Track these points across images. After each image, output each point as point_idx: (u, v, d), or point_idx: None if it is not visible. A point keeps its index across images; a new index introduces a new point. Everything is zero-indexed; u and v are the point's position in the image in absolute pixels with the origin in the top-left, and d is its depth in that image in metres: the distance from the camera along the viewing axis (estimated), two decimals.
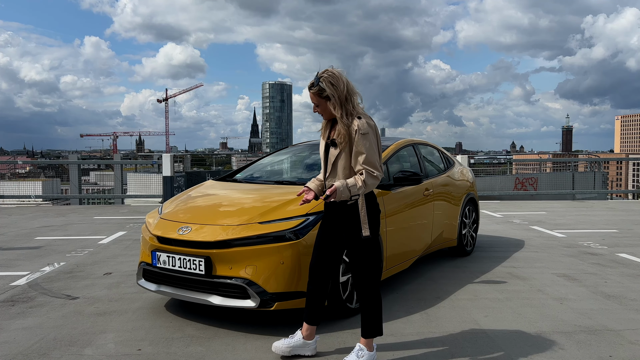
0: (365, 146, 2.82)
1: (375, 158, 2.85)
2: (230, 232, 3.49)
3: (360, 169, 2.83)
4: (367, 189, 2.84)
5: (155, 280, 3.80)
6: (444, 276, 5.09)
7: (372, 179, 2.82)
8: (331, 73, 2.84)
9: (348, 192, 2.79)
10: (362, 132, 2.82)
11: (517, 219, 9.25)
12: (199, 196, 4.32)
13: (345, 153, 2.86)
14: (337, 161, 2.88)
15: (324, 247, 3.03)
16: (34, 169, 45.09)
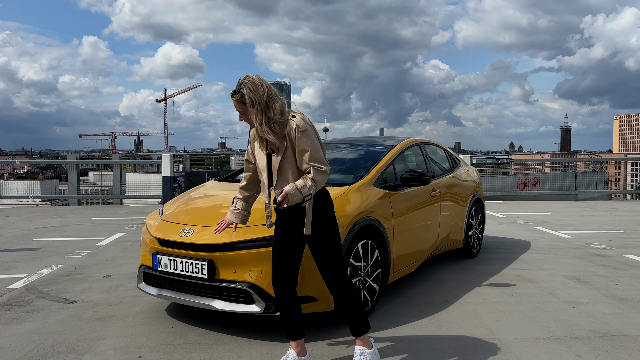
0: (307, 143, 2.73)
1: (320, 153, 2.76)
2: (233, 234, 3.36)
3: (308, 167, 2.73)
4: (318, 186, 2.72)
5: (156, 284, 3.68)
6: (452, 279, 4.98)
7: (320, 175, 2.72)
8: (251, 79, 2.74)
9: (300, 194, 2.67)
10: (301, 129, 2.73)
11: (521, 220, 9.14)
12: (200, 197, 4.20)
13: (288, 156, 2.77)
14: (282, 167, 2.79)
15: (284, 257, 2.90)
16: (33, 169, 44.91)
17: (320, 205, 2.82)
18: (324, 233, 2.84)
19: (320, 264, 2.88)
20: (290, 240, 2.87)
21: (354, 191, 3.93)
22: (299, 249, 2.91)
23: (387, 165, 4.45)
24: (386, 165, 4.43)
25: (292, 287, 2.91)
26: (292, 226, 2.84)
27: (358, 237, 3.68)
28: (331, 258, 2.87)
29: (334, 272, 2.88)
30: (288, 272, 2.88)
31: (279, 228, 2.91)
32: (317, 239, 2.83)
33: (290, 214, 2.81)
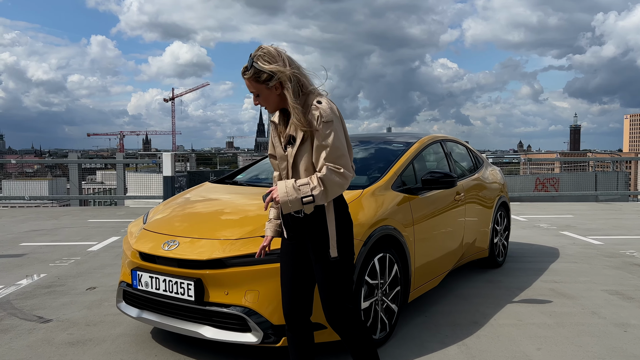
0: (330, 137, 2.13)
1: (342, 152, 2.16)
2: (226, 247, 2.82)
3: (322, 166, 2.15)
4: (328, 190, 2.12)
5: (137, 305, 3.14)
6: (477, 294, 4.40)
7: (334, 176, 2.12)
8: (266, 50, 2.16)
9: (295, 194, 2.10)
10: (325, 119, 2.13)
11: (543, 223, 8.53)
12: (191, 202, 3.65)
13: (306, 149, 2.19)
14: (296, 162, 2.21)
15: (298, 283, 2.34)
16: (42, 168, 44.71)
17: (343, 222, 2.27)
18: (327, 258, 2.25)
19: (326, 291, 2.27)
20: (305, 263, 2.32)
21: (369, 195, 3.36)
22: (313, 272, 2.34)
23: (406, 166, 3.88)
24: (405, 165, 3.86)
25: (308, 317, 2.38)
26: (308, 244, 2.27)
27: (374, 251, 3.12)
28: (342, 285, 2.29)
29: (341, 302, 2.28)
30: (303, 302, 2.34)
31: (289, 247, 2.34)
32: (327, 261, 2.25)
33: (306, 228, 2.24)
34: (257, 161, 4.70)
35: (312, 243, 2.24)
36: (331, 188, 2.12)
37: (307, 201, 2.10)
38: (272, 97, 2.19)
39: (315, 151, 2.16)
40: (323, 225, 2.21)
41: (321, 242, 2.22)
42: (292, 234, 2.31)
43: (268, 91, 2.17)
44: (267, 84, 2.15)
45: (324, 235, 2.21)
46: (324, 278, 2.25)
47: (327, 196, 2.13)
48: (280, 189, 2.12)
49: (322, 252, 2.22)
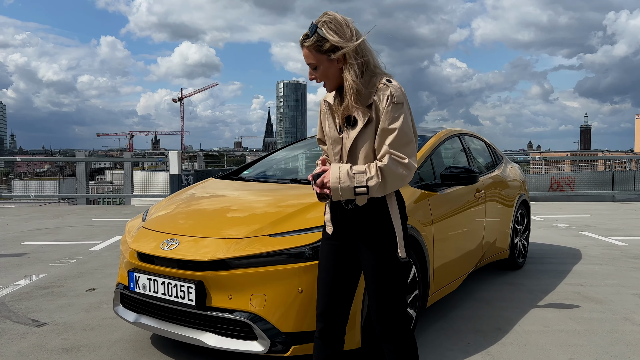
0: (398, 122, 1.87)
1: (410, 138, 1.89)
2: (230, 247, 2.58)
3: (384, 154, 1.88)
4: (387, 185, 1.86)
5: (135, 309, 2.91)
6: (499, 297, 4.13)
7: (396, 167, 1.85)
8: (332, 16, 1.89)
9: (349, 182, 1.84)
10: (395, 100, 1.87)
11: (561, 223, 8.22)
12: (193, 198, 3.41)
13: (367, 134, 1.92)
14: (355, 147, 1.94)
15: (341, 284, 2.07)
16: (52, 168, 44.83)
17: (404, 219, 2.01)
18: (394, 260, 1.98)
19: (384, 297, 1.98)
20: (350, 265, 2.05)
21: None
22: (357, 274, 2.09)
23: (424, 160, 3.62)
24: (422, 160, 3.60)
25: (343, 326, 2.11)
26: (361, 244, 1.99)
27: None
28: (402, 290, 2.03)
29: (400, 311, 2.02)
30: (341, 308, 2.07)
31: (333, 246, 2.06)
32: (391, 263, 1.97)
33: (361, 224, 1.97)
34: (264, 157, 4.46)
35: (369, 242, 1.96)
36: (391, 180, 1.86)
37: (359, 192, 1.85)
38: (332, 70, 1.92)
39: (379, 136, 1.89)
40: (385, 222, 1.95)
41: (384, 241, 1.95)
42: (341, 230, 2.03)
43: (329, 63, 1.91)
44: (329, 55, 1.89)
45: (387, 233, 1.95)
46: (383, 283, 1.96)
47: (385, 189, 1.87)
48: (332, 172, 1.86)
49: (385, 253, 1.95)
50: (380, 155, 1.88)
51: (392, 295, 1.98)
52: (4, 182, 17.59)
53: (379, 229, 1.96)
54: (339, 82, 1.96)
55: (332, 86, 1.98)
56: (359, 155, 1.93)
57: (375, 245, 1.96)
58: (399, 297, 2.00)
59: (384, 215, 1.96)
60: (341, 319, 2.08)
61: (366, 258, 1.98)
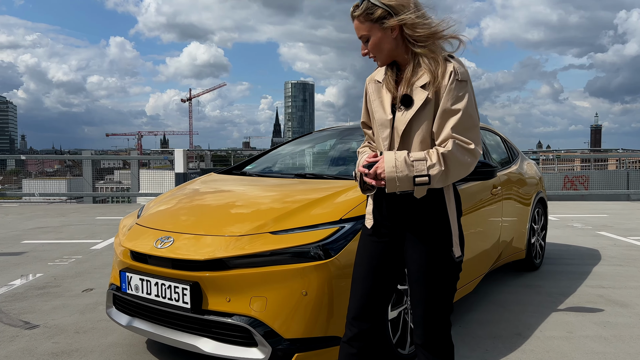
0: (462, 100, 1.65)
1: (475, 122, 1.68)
2: (229, 245, 2.37)
3: (446, 138, 1.65)
4: (450, 174, 1.64)
5: (128, 311, 2.71)
6: (515, 300, 3.89)
7: (463, 154, 1.64)
8: None
9: (407, 171, 1.62)
10: (460, 77, 1.66)
11: (576, 223, 7.95)
12: (191, 193, 3.21)
13: (425, 115, 1.69)
14: (410, 130, 1.71)
15: (379, 285, 1.85)
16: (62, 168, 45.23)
17: (458, 208, 1.80)
18: (448, 258, 1.76)
19: (433, 301, 1.77)
20: (392, 265, 1.84)
21: None
22: (399, 272, 1.88)
23: None
24: None
25: (377, 331, 1.89)
26: (409, 241, 1.78)
27: None
28: (452, 294, 1.83)
29: (447, 317, 1.81)
30: (377, 312, 1.86)
31: (374, 244, 1.85)
32: (445, 263, 1.76)
33: (414, 218, 1.75)
34: (268, 151, 4.26)
35: (421, 238, 1.75)
36: (454, 169, 1.64)
37: (420, 182, 1.62)
38: (386, 41, 1.71)
39: (440, 117, 1.67)
40: (441, 216, 1.74)
41: (438, 238, 1.74)
42: (385, 225, 1.81)
43: (382, 33, 1.70)
44: (381, 24, 1.68)
45: (442, 229, 1.74)
46: (433, 284, 1.75)
47: (447, 178, 1.65)
48: (387, 161, 1.63)
49: (439, 251, 1.74)
50: (442, 140, 1.66)
51: (442, 298, 1.77)
52: (14, 181, 17.60)
53: (433, 224, 1.74)
54: (392, 56, 1.75)
55: (385, 60, 1.76)
56: (413, 139, 1.71)
57: (427, 241, 1.74)
58: (448, 301, 1.79)
59: (440, 208, 1.74)
60: (376, 324, 1.87)
61: (415, 256, 1.77)
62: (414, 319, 1.82)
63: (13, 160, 22.05)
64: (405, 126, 1.70)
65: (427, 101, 1.67)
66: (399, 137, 1.72)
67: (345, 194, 2.70)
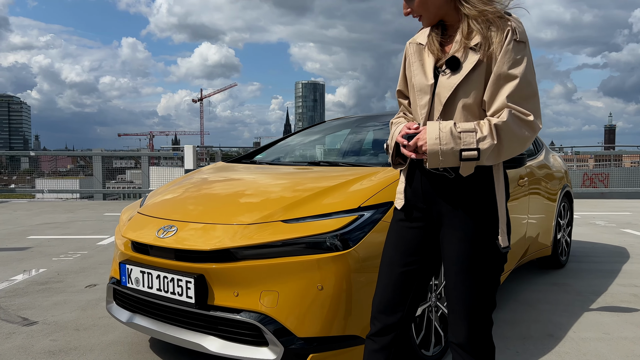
0: (521, 65, 1.42)
1: (534, 90, 1.45)
2: (236, 235, 2.16)
3: (500, 107, 1.42)
4: (503, 149, 1.42)
5: (129, 307, 2.51)
6: (544, 299, 3.64)
7: (521, 127, 1.41)
8: None
9: (452, 142, 1.40)
10: (517, 37, 1.43)
11: (599, 220, 7.65)
12: (197, 181, 2.99)
13: (474, 80, 1.46)
14: (455, 96, 1.48)
15: (408, 274, 1.63)
16: (75, 167, 45.69)
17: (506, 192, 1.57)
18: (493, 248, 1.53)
19: (476, 295, 1.54)
20: (427, 253, 1.62)
21: None
22: (433, 264, 1.66)
23: None
24: None
25: (407, 327, 1.67)
26: (448, 227, 1.55)
27: None
28: (495, 289, 1.59)
29: (490, 314, 1.58)
30: (408, 305, 1.64)
31: (413, 225, 1.62)
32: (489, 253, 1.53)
33: (455, 200, 1.52)
34: (278, 141, 4.05)
35: (463, 224, 1.52)
36: (509, 143, 1.41)
37: (467, 156, 1.40)
38: None
39: (494, 84, 1.44)
40: (488, 199, 1.51)
41: (483, 224, 1.51)
42: (419, 208, 1.59)
43: None
44: None
45: (488, 215, 1.51)
46: (476, 277, 1.53)
47: (500, 154, 1.43)
48: (430, 132, 1.42)
49: (483, 240, 1.51)
50: (495, 109, 1.43)
51: (485, 293, 1.54)
52: (27, 181, 17.61)
53: (477, 208, 1.51)
54: (439, 14, 1.52)
55: (430, 19, 1.54)
56: (457, 109, 1.48)
57: (470, 228, 1.51)
58: (491, 296, 1.57)
59: (487, 189, 1.51)
60: (403, 320, 1.64)
61: (455, 244, 1.53)
62: (452, 316, 1.59)
63: (27, 160, 22.26)
64: (450, 93, 1.47)
65: (478, 64, 1.44)
66: (440, 105, 1.49)
67: (363, 181, 2.48)
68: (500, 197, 1.52)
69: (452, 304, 1.58)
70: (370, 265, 2.12)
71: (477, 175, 1.49)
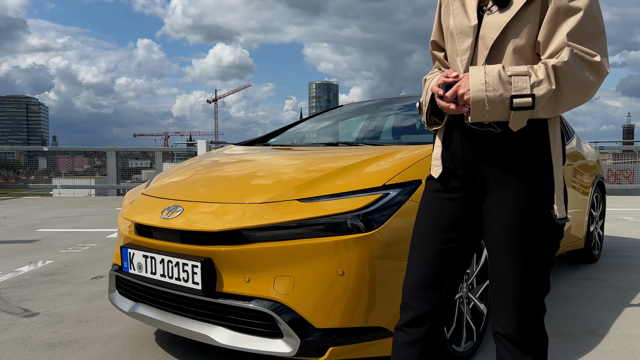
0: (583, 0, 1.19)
1: (601, 27, 1.21)
2: (248, 215, 1.94)
3: (559, 47, 1.19)
4: (562, 96, 1.18)
5: (132, 296, 2.31)
6: (580, 294, 3.38)
7: (584, 69, 1.17)
8: None
9: (501, 88, 1.16)
10: None
11: (627, 216, 7.32)
12: (207, 163, 2.79)
13: (526, 18, 1.22)
14: (504, 38, 1.23)
15: (445, 253, 1.39)
16: (91, 167, 46.41)
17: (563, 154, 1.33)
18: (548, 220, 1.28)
19: (526, 275, 1.29)
20: (474, 225, 1.39)
21: None
22: (477, 237, 1.42)
23: None
24: None
25: (443, 315, 1.44)
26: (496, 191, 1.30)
27: None
28: (545, 270, 1.33)
29: (538, 301, 1.32)
30: (443, 288, 1.40)
31: (451, 195, 1.39)
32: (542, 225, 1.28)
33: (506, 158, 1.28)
34: (292, 125, 3.83)
35: (512, 192, 1.27)
36: (570, 89, 1.17)
37: (520, 105, 1.15)
38: None
39: (551, 20, 1.20)
40: (542, 162, 1.27)
41: (536, 192, 1.26)
42: (458, 175, 1.36)
43: None
44: None
45: (543, 181, 1.27)
46: (527, 255, 1.28)
47: (559, 103, 1.19)
48: (474, 77, 1.18)
49: (537, 210, 1.26)
50: (553, 50, 1.19)
51: (538, 273, 1.30)
52: (45, 181, 17.75)
53: (531, 173, 1.26)
54: None
55: None
56: (506, 52, 1.23)
57: (522, 197, 1.26)
58: (545, 277, 1.32)
59: (541, 149, 1.26)
60: (440, 308, 1.41)
61: (502, 218, 1.29)
62: (497, 302, 1.35)
63: (45, 160, 22.50)
64: (498, 34, 1.23)
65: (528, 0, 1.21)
66: (486, 50, 1.25)
67: (387, 158, 2.25)
68: (557, 158, 1.28)
69: (498, 288, 1.34)
70: (396, 251, 1.90)
71: (530, 132, 1.26)
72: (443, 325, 1.45)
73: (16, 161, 18.83)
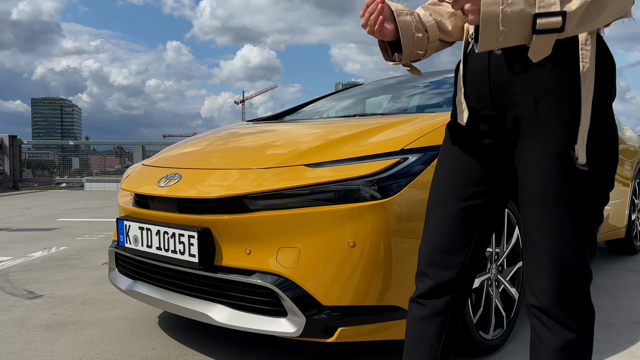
0: None
1: None
2: (250, 180, 1.75)
3: None
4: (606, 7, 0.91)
5: (129, 273, 2.16)
6: (621, 285, 3.09)
7: None
8: None
9: (523, 4, 0.88)
10: None
11: None
12: (217, 136, 2.59)
13: None
14: None
15: (471, 195, 1.16)
16: (122, 167, 47.71)
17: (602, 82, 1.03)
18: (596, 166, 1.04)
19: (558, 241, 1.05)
20: (505, 175, 1.17)
21: None
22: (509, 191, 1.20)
23: None
24: None
25: (467, 292, 1.23)
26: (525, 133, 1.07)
27: None
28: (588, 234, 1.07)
29: (584, 266, 1.06)
30: (466, 253, 1.18)
31: (480, 142, 1.15)
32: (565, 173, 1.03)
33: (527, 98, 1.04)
34: (308, 103, 3.63)
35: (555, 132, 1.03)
36: None
37: (546, 25, 0.89)
38: None
39: None
40: (570, 94, 1.01)
41: (560, 131, 1.02)
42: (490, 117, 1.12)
43: None
44: None
45: (568, 116, 1.01)
46: (571, 209, 1.04)
47: (599, 14, 0.92)
48: None
49: (561, 153, 1.02)
50: None
51: (584, 231, 1.05)
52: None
53: (568, 108, 1.01)
54: None
55: None
56: None
57: (562, 137, 1.02)
58: (593, 237, 1.07)
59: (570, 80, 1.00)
60: (463, 276, 1.19)
61: (540, 164, 1.05)
62: (532, 268, 1.09)
63: (77, 160, 23.19)
64: None
65: None
66: None
67: (407, 123, 2.03)
68: (587, 89, 0.99)
69: (533, 249, 1.09)
70: (415, 228, 1.68)
71: (557, 60, 1.01)
72: (467, 298, 1.23)
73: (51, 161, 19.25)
